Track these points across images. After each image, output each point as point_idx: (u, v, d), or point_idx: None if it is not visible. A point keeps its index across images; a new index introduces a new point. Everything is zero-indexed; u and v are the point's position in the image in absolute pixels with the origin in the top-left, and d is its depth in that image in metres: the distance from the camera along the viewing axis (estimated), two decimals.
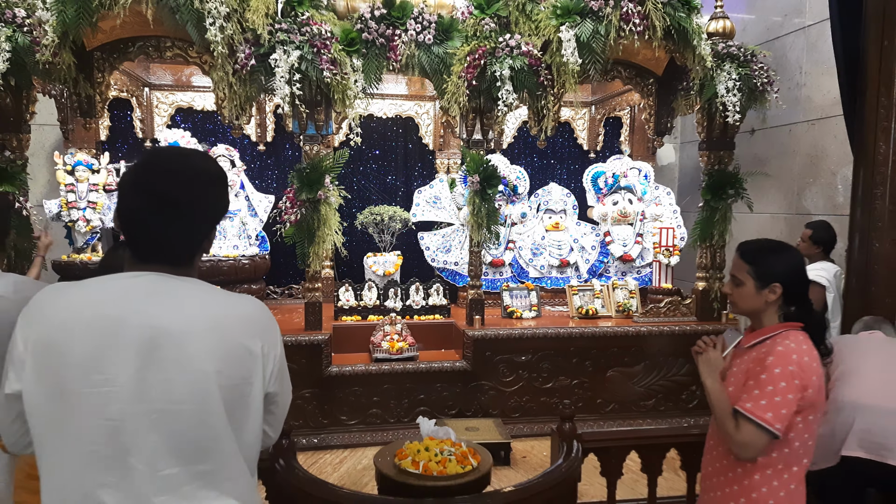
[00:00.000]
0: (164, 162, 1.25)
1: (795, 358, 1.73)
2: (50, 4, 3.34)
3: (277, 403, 1.31)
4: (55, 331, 1.11)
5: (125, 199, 1.21)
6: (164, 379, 1.11)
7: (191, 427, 1.13)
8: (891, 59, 3.25)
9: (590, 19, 3.82)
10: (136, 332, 1.11)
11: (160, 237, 1.20)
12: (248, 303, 1.25)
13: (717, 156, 4.64)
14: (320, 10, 4.02)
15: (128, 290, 1.15)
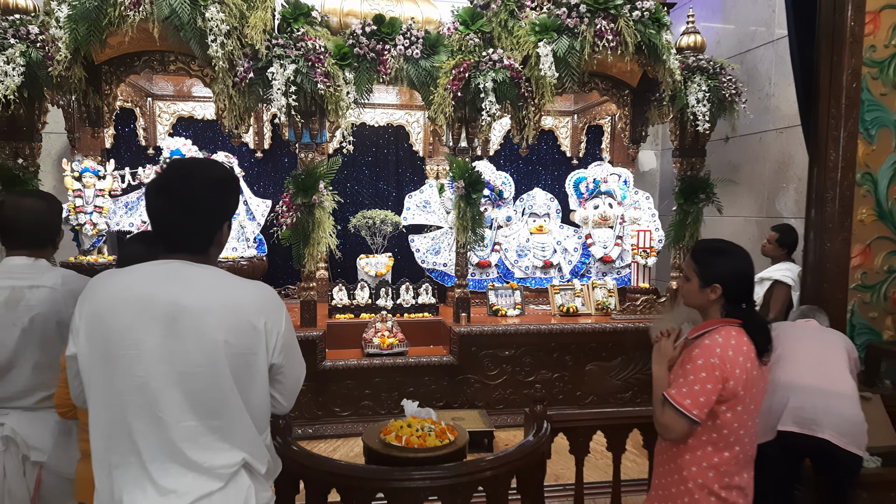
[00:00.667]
0: (181, 169, 1.51)
1: (719, 352, 1.90)
2: (63, 23, 3.59)
3: (284, 374, 1.55)
4: (101, 306, 1.38)
5: (151, 201, 1.48)
6: (182, 346, 1.37)
7: (205, 387, 1.38)
8: (839, 74, 3.53)
9: (566, 36, 4.10)
10: (160, 308, 1.37)
11: (179, 230, 1.46)
12: (257, 287, 1.51)
13: (690, 162, 4.92)
14: (315, 26, 4.28)
15: (156, 274, 1.41)
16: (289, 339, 1.54)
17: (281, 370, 1.53)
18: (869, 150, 3.60)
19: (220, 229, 1.51)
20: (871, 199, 3.63)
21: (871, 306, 3.68)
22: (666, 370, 2.07)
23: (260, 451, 1.50)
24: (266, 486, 1.54)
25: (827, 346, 2.87)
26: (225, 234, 1.53)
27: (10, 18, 3.89)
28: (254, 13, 3.98)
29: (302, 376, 1.65)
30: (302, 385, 1.69)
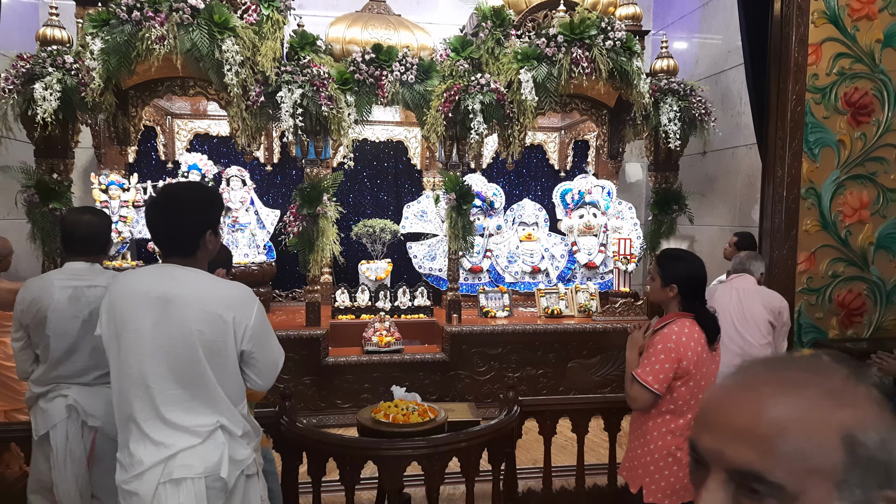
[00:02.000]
0: (169, 189, 1.97)
1: (675, 338, 2.35)
2: (97, 55, 4.06)
3: (256, 359, 1.91)
4: (115, 298, 1.85)
5: (147, 215, 1.95)
6: (167, 329, 1.79)
7: (185, 364, 1.79)
8: (785, 99, 3.95)
9: (545, 63, 4.54)
10: (154, 299, 1.80)
11: (168, 236, 1.89)
12: (232, 286, 1.91)
13: (664, 176, 5.35)
14: (319, 53, 4.75)
15: (153, 274, 1.87)
16: (259, 330, 1.89)
17: (252, 355, 1.90)
18: (813, 168, 4.01)
19: (203, 236, 1.89)
20: (815, 212, 4.04)
21: (817, 308, 4.08)
22: (636, 354, 2.52)
23: (235, 418, 1.87)
24: (244, 446, 1.89)
25: (743, 319, 3.24)
26: (210, 240, 1.92)
27: (48, 49, 4.37)
28: (265, 43, 4.45)
29: (279, 360, 2.01)
30: (280, 369, 2.03)
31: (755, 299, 3.32)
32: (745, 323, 3.21)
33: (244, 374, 1.91)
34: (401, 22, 5.38)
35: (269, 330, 1.97)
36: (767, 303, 3.30)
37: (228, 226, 5.57)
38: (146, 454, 1.77)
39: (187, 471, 1.77)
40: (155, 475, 1.76)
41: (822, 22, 3.98)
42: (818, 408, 0.65)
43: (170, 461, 1.76)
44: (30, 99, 4.16)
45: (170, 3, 4.07)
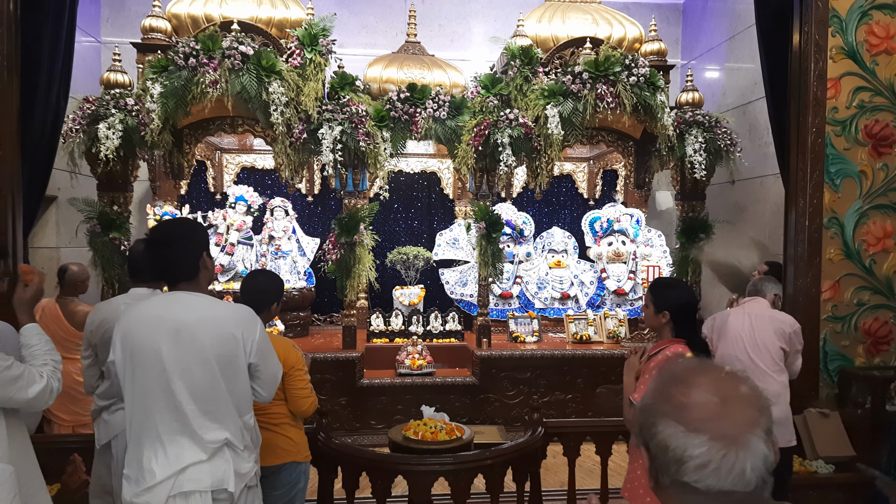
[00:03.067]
0: (159, 228, 2.22)
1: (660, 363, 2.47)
2: (156, 98, 4.45)
3: (261, 371, 2.13)
4: (129, 326, 2.03)
5: (148, 253, 2.20)
6: (182, 350, 1.98)
7: (199, 381, 1.99)
8: (805, 132, 4.06)
9: (571, 99, 4.75)
10: (168, 324, 2.00)
11: (168, 265, 2.10)
12: (237, 307, 2.14)
13: (690, 205, 5.46)
14: (358, 93, 5.07)
15: (164, 302, 2.08)
16: (262, 345, 2.12)
17: (258, 368, 2.12)
18: (835, 198, 4.09)
19: (199, 258, 2.12)
20: (838, 241, 4.10)
21: (843, 335, 4.12)
22: (633, 379, 2.63)
23: (239, 432, 2.07)
24: (248, 459, 2.07)
25: (755, 346, 3.31)
26: (207, 261, 2.15)
27: (111, 92, 4.79)
28: (308, 84, 4.78)
29: (278, 373, 2.24)
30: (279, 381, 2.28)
31: (767, 325, 3.37)
32: (758, 350, 3.30)
33: (251, 386, 2.13)
34: (434, 62, 5.68)
35: (270, 346, 2.20)
36: (779, 330, 3.35)
37: (272, 253, 5.89)
38: (159, 468, 1.95)
39: (196, 484, 1.95)
40: (166, 488, 1.93)
41: (841, 57, 4.09)
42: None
43: (180, 475, 1.95)
44: (94, 138, 4.55)
45: (222, 49, 4.44)
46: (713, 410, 0.82)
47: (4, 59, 3.41)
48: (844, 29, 4.09)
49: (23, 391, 1.90)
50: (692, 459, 0.81)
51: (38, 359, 2.03)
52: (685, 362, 0.92)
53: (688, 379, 0.86)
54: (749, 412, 0.82)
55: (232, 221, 5.73)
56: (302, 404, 2.69)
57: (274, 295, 2.72)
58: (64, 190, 5.36)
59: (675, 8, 7.29)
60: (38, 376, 1.94)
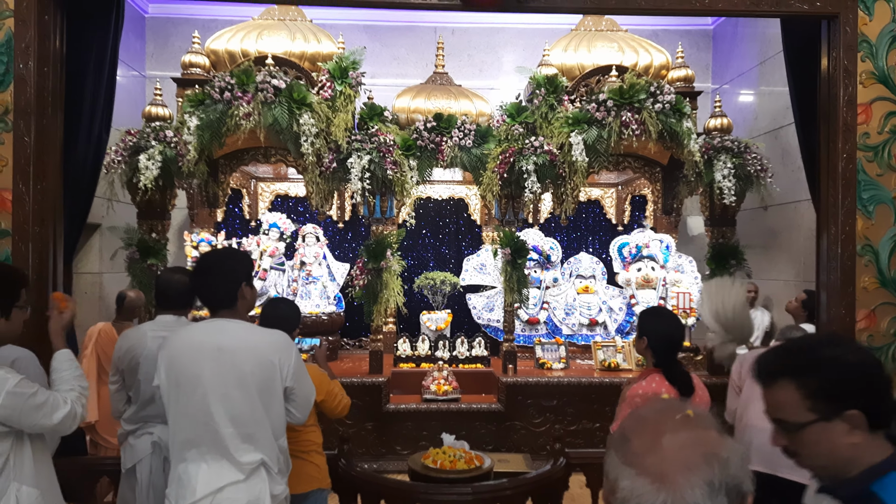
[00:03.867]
0: (205, 256, 2.31)
1: (641, 392, 2.50)
2: (193, 131, 4.65)
3: (296, 393, 2.22)
4: (173, 351, 2.13)
5: (193, 281, 2.30)
6: (223, 375, 2.07)
7: (238, 405, 2.08)
8: (835, 157, 3.98)
9: (595, 126, 4.78)
10: (209, 350, 2.09)
11: (209, 292, 2.22)
12: (273, 334, 2.23)
13: (720, 231, 5.38)
14: (386, 123, 5.19)
15: (206, 329, 2.18)
16: (297, 369, 2.21)
17: (293, 391, 2.21)
18: (868, 225, 3.98)
19: (238, 288, 2.22)
20: (872, 269, 3.98)
21: None
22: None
23: (275, 454, 2.16)
24: (279, 482, 2.17)
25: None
26: (246, 292, 2.24)
27: (152, 125, 5.02)
28: (338, 115, 4.93)
29: (312, 395, 2.31)
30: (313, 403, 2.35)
31: None
32: None
33: (286, 409, 2.20)
34: (461, 91, 5.78)
35: (305, 369, 2.27)
36: None
37: (303, 279, 6.02)
38: (199, 486, 2.04)
39: (233, 503, 2.04)
40: None
41: (872, 82, 4.01)
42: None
43: (218, 494, 2.03)
44: (135, 168, 4.77)
45: (256, 83, 4.62)
46: (647, 446, 0.84)
47: (49, 95, 3.62)
48: (875, 54, 4.02)
49: (47, 417, 1.99)
50: (620, 490, 0.83)
51: (65, 383, 2.14)
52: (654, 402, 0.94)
53: (641, 416, 0.88)
54: (688, 456, 0.83)
55: (265, 248, 5.89)
56: (343, 411, 2.89)
57: (294, 322, 2.82)
58: (107, 218, 5.60)
59: (706, 34, 7.27)
60: (63, 402, 2.04)
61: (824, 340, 1.41)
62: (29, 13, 3.55)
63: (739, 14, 4.64)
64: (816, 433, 1.26)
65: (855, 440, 1.25)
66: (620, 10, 4.53)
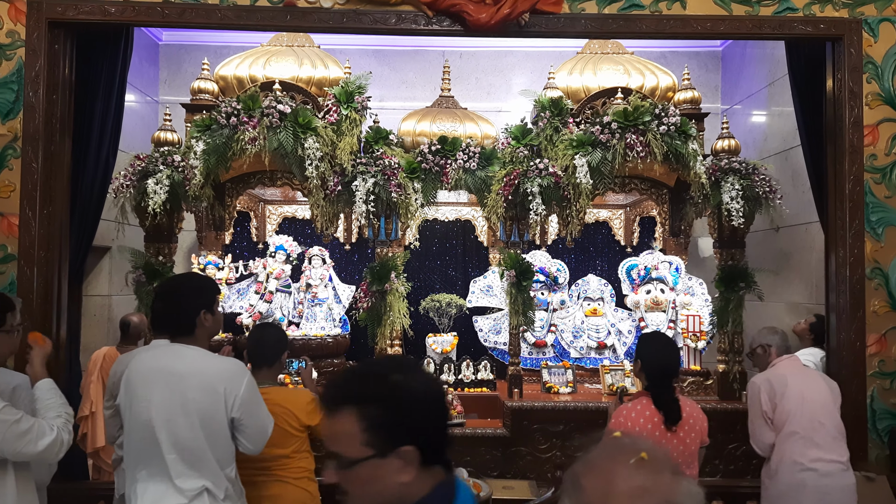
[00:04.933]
0: (165, 282, 2.40)
1: (625, 413, 2.58)
2: (199, 155, 4.71)
3: (245, 425, 2.20)
4: (130, 373, 2.18)
5: (152, 306, 2.31)
6: (170, 400, 2.10)
7: (182, 431, 2.10)
8: (842, 179, 3.94)
9: (599, 149, 4.76)
10: (161, 374, 2.13)
11: (167, 318, 2.24)
12: (224, 361, 2.24)
13: (730, 253, 5.31)
14: (391, 146, 5.23)
15: (161, 352, 2.21)
16: (247, 398, 2.19)
17: (242, 422, 2.20)
18: (877, 247, 3.92)
19: (197, 315, 2.24)
20: (882, 292, 3.91)
21: (892, 392, 3.88)
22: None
23: (221, 482, 2.16)
24: None
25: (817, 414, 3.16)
26: (206, 319, 2.27)
27: (160, 150, 5.09)
28: (343, 139, 4.97)
29: (267, 427, 2.29)
30: (270, 435, 2.33)
31: (821, 383, 3.31)
32: (830, 414, 3.20)
33: (236, 440, 2.20)
34: (466, 114, 5.81)
35: (259, 400, 2.26)
36: (831, 385, 3.34)
37: (308, 301, 6.03)
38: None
39: None
40: None
41: (878, 104, 3.98)
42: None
43: None
44: (143, 192, 4.83)
45: (261, 108, 4.69)
46: (600, 495, 0.82)
47: (58, 122, 3.71)
48: (880, 75, 3.99)
49: (32, 444, 2.00)
50: None
51: (51, 411, 2.16)
52: (608, 441, 0.91)
53: (593, 459, 0.86)
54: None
55: (271, 270, 5.92)
56: None
57: (283, 345, 2.82)
58: (117, 241, 5.66)
59: (714, 55, 7.26)
60: (49, 429, 2.05)
61: (392, 365, 1.30)
62: (39, 43, 3.65)
63: (742, 37, 4.66)
64: (369, 470, 1.17)
65: (405, 478, 1.18)
66: (622, 34, 4.57)
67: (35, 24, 3.65)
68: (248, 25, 3.88)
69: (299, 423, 2.70)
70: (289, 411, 2.69)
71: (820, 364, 4.22)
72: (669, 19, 3.91)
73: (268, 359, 2.77)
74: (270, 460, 2.63)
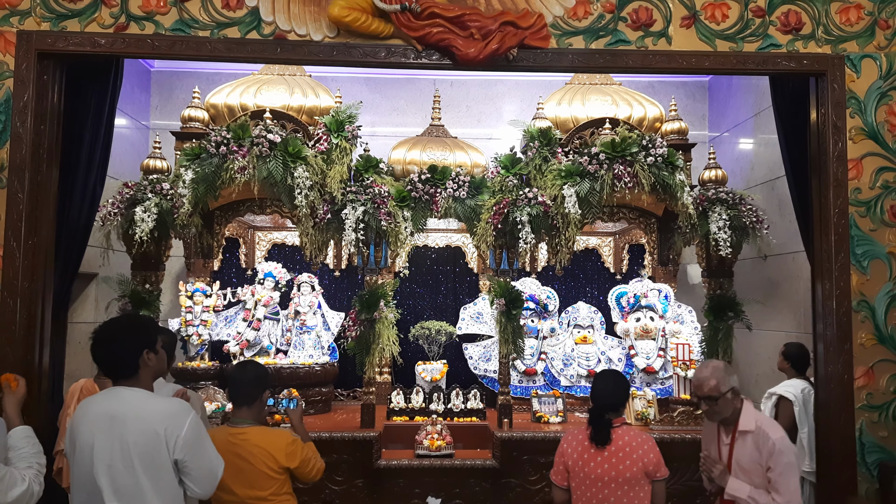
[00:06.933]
0: (103, 326, 2.31)
1: (563, 437, 3.14)
2: (188, 184, 4.69)
3: (190, 467, 2.17)
4: (75, 419, 2.16)
5: (92, 350, 2.26)
6: (109, 446, 2.07)
7: (122, 478, 2.06)
8: (827, 212, 3.97)
9: (588, 179, 4.79)
10: (101, 419, 2.11)
11: (109, 364, 2.22)
12: (168, 402, 2.22)
13: (718, 282, 5.33)
14: (382, 174, 5.24)
15: (103, 397, 2.19)
16: (190, 439, 2.15)
17: (186, 464, 2.15)
18: (863, 280, 3.94)
19: (140, 356, 2.22)
20: (869, 325, 3.92)
21: (880, 425, 3.87)
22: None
23: None
24: None
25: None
26: (150, 359, 2.25)
27: (149, 178, 5.07)
28: (333, 167, 4.97)
29: (216, 468, 2.24)
30: (220, 477, 2.30)
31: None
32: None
33: (183, 483, 2.16)
34: (456, 143, 5.85)
35: (205, 440, 2.22)
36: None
37: (297, 328, 5.99)
38: None
39: None
40: None
41: (861, 138, 4.04)
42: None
43: None
44: (131, 220, 4.80)
45: (251, 138, 4.69)
46: None
47: (45, 152, 3.70)
48: (863, 110, 4.05)
49: (2, 494, 1.96)
50: None
51: (23, 461, 2.12)
52: None
53: None
54: None
55: (260, 297, 5.88)
56: (316, 476, 2.88)
57: (263, 383, 2.79)
58: (103, 267, 5.62)
59: (701, 85, 7.37)
60: (21, 479, 2.02)
61: None
62: (28, 74, 3.66)
63: (727, 72, 4.73)
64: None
65: None
66: (609, 68, 4.64)
67: (24, 56, 3.65)
68: (238, 58, 3.90)
69: (278, 465, 2.65)
70: (267, 452, 2.65)
71: (801, 396, 4.22)
72: (655, 54, 3.97)
73: (247, 398, 2.74)
74: (248, 502, 2.59)
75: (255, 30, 3.88)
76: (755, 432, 2.92)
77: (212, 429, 2.79)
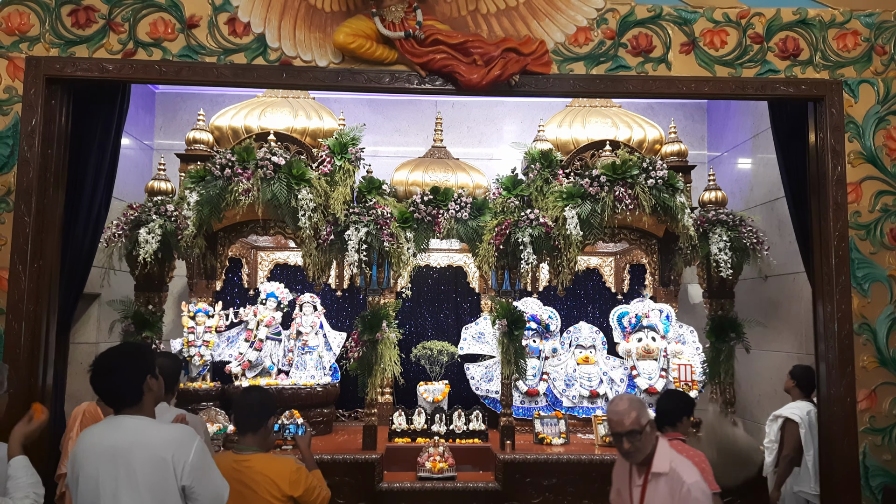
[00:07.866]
0: (101, 357, 2.30)
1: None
2: (192, 206, 4.72)
3: (196, 492, 2.18)
4: (77, 449, 2.16)
5: (92, 382, 2.25)
6: (115, 477, 2.08)
7: None
8: (828, 235, 4.00)
9: (589, 201, 4.83)
10: (106, 450, 2.11)
11: (112, 394, 2.22)
12: (172, 429, 2.23)
13: (719, 303, 5.35)
14: (384, 196, 5.28)
15: (106, 427, 2.19)
16: (198, 465, 2.17)
17: (193, 490, 2.17)
18: (864, 303, 3.96)
19: (143, 383, 2.23)
20: (871, 347, 3.93)
21: (884, 449, 3.86)
22: None
23: None
24: None
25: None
26: (152, 384, 2.26)
27: (154, 199, 5.11)
28: (337, 189, 5.01)
29: (222, 492, 2.26)
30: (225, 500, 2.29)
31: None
32: None
33: None
34: (458, 164, 5.90)
35: (210, 465, 2.24)
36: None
37: (298, 348, 5.99)
38: None
39: None
40: None
41: (860, 162, 4.08)
42: None
43: None
44: (135, 242, 4.83)
45: (255, 160, 4.73)
46: None
47: (52, 175, 3.73)
48: (862, 134, 4.10)
49: None
50: None
51: (20, 490, 2.14)
52: None
53: None
54: None
55: (262, 317, 5.89)
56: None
57: (269, 410, 2.79)
58: (106, 288, 5.63)
59: (700, 106, 7.43)
60: None
61: None
62: (36, 99, 3.70)
63: (726, 97, 4.79)
64: None
65: None
66: (609, 93, 4.70)
67: (33, 81, 3.69)
68: (244, 83, 3.96)
69: (281, 493, 2.65)
70: (270, 480, 2.64)
71: (807, 418, 4.22)
72: (655, 80, 4.02)
73: (252, 425, 2.74)
74: None
75: (262, 56, 3.93)
76: (669, 475, 2.65)
77: (216, 454, 2.79)
